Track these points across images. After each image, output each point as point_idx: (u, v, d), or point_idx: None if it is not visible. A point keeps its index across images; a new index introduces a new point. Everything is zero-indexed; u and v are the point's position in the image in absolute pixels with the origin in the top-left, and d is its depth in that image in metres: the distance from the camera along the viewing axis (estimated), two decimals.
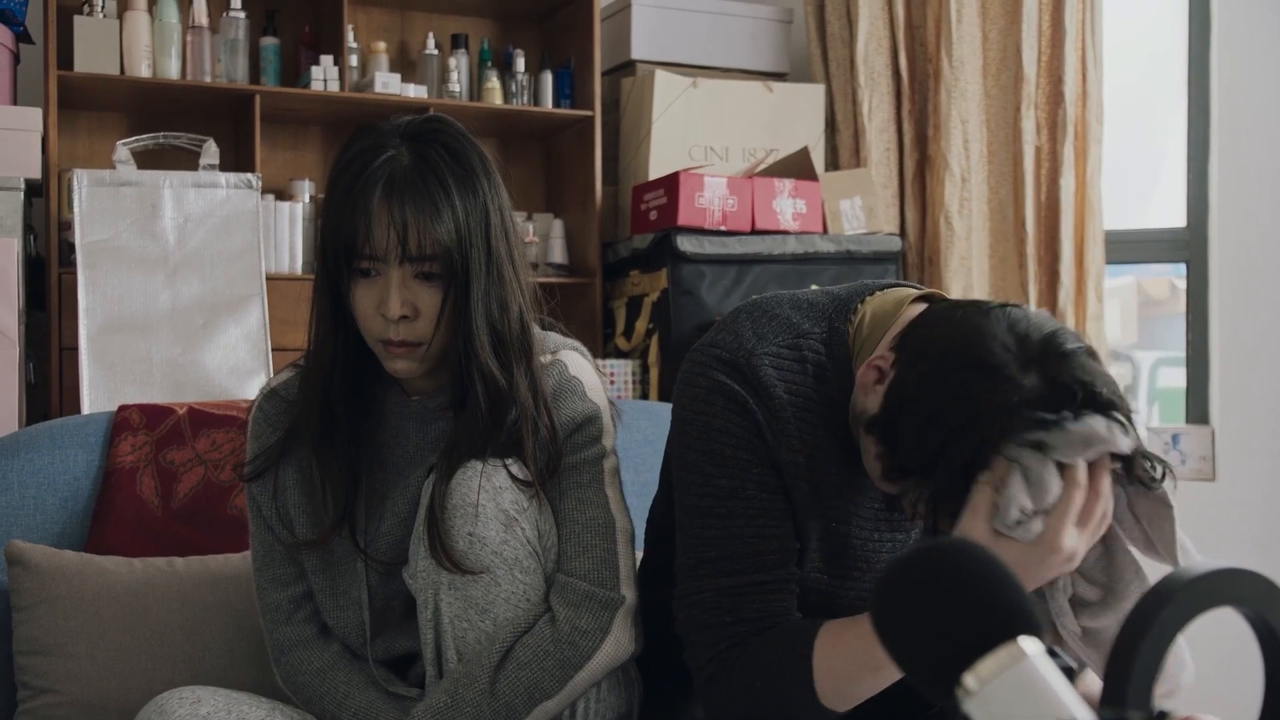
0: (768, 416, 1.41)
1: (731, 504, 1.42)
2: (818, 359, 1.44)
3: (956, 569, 0.77)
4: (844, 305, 1.49)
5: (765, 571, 1.42)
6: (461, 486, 1.47)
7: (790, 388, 1.43)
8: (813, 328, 1.46)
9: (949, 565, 0.78)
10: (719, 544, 1.43)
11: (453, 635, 1.48)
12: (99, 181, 3.08)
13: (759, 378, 1.42)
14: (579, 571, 1.52)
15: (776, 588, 1.43)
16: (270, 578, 1.64)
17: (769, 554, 1.42)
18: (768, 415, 1.42)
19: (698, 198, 3.57)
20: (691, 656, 1.46)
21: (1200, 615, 0.77)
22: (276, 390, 1.66)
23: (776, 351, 1.44)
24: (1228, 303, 3.76)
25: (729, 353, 1.44)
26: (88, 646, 1.79)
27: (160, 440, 2.06)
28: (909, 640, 0.77)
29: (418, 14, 4.11)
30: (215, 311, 3.10)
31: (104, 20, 3.45)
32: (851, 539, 1.48)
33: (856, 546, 1.48)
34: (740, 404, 1.41)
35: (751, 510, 1.42)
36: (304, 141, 3.98)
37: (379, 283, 1.48)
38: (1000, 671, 0.72)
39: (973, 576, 0.77)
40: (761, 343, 1.44)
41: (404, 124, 1.53)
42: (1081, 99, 3.81)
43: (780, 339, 1.45)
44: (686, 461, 1.46)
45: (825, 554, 1.48)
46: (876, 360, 1.37)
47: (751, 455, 1.42)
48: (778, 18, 4.18)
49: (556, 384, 1.56)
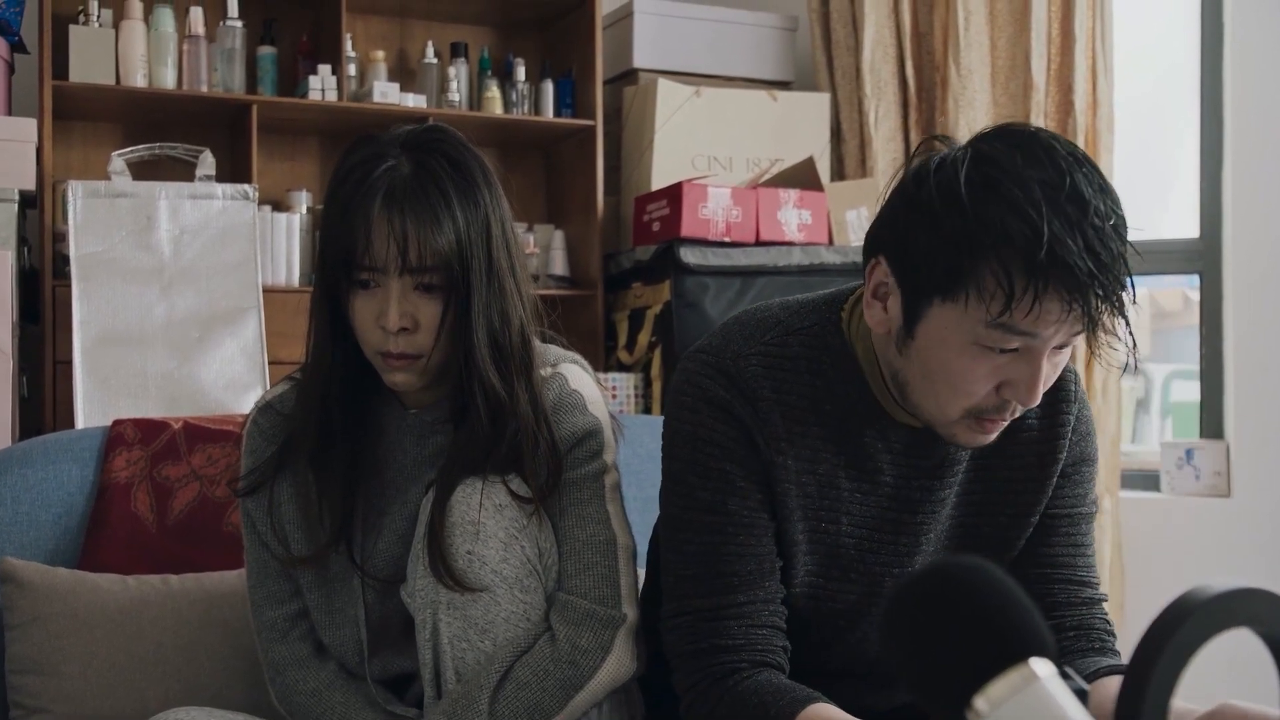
0: (755, 419, 1.42)
1: (711, 518, 1.43)
2: (809, 354, 1.45)
3: (967, 588, 0.76)
4: (837, 296, 1.50)
5: (743, 591, 1.42)
6: (461, 503, 1.46)
7: (779, 387, 1.43)
8: (802, 323, 1.47)
9: (959, 585, 0.77)
10: (697, 560, 1.44)
11: (451, 655, 1.47)
12: (94, 193, 3.07)
13: (745, 379, 1.42)
14: (580, 589, 1.51)
15: (755, 610, 1.43)
16: (265, 595, 1.63)
17: (746, 573, 1.42)
18: (755, 418, 1.42)
19: (701, 208, 3.57)
20: (676, 682, 1.48)
21: (1215, 636, 0.75)
22: (272, 404, 1.65)
23: (764, 350, 1.44)
24: (1242, 314, 3.75)
25: (715, 356, 1.45)
26: (81, 665, 1.78)
27: (155, 455, 2.05)
28: (918, 661, 0.76)
29: (417, 22, 4.12)
30: (211, 324, 3.08)
31: (99, 29, 3.46)
32: (842, 539, 1.47)
33: (848, 547, 1.48)
34: (726, 410, 1.42)
35: (731, 526, 1.42)
36: (301, 152, 3.99)
37: (378, 294, 1.47)
38: (1012, 694, 0.71)
39: (983, 596, 0.76)
40: (748, 343, 1.45)
41: (404, 133, 1.52)
42: (1092, 108, 3.80)
43: (768, 337, 1.45)
44: (671, 472, 1.48)
45: (816, 557, 1.48)
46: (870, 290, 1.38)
47: (737, 468, 1.42)
48: (782, 25, 4.18)
49: (557, 398, 1.55)
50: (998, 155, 1.26)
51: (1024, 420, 1.48)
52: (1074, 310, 1.24)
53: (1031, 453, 1.50)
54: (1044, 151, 1.26)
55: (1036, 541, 1.53)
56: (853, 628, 1.53)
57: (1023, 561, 1.53)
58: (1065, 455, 1.51)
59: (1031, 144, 1.27)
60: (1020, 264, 1.22)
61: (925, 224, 1.29)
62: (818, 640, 1.52)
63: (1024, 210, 1.22)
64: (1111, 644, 1.52)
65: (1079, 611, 1.51)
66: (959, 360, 1.30)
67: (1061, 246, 1.21)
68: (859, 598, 1.50)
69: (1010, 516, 1.52)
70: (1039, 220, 1.21)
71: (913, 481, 1.48)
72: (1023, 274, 1.22)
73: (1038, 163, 1.25)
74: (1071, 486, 1.53)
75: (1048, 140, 1.28)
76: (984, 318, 1.25)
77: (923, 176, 1.31)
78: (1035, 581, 1.51)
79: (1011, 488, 1.51)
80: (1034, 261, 1.21)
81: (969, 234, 1.25)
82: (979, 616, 0.74)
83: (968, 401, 1.33)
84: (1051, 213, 1.22)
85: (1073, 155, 1.27)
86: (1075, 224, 1.22)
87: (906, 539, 1.50)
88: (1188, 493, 3.75)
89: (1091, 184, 1.25)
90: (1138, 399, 4.29)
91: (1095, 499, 1.58)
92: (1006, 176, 1.24)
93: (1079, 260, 1.21)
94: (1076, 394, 1.53)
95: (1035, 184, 1.23)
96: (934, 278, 1.28)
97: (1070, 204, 1.23)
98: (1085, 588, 1.53)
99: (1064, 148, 1.27)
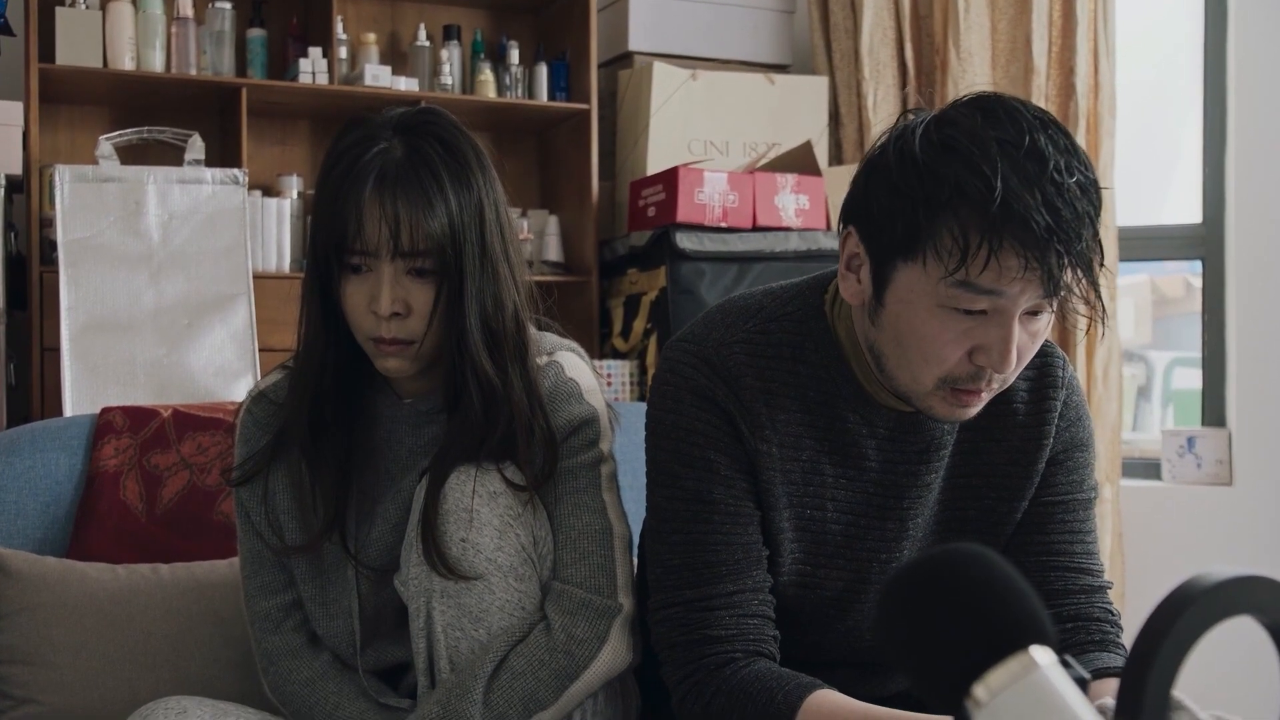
0: (739, 407, 1.43)
1: (696, 507, 1.44)
2: (792, 339, 1.46)
3: (965, 576, 0.76)
4: (820, 281, 1.51)
5: (731, 580, 1.43)
6: (455, 491, 1.46)
7: (762, 374, 1.44)
8: (784, 309, 1.48)
9: (958, 571, 0.76)
10: (683, 550, 1.44)
11: (445, 644, 1.47)
12: (81, 177, 3.07)
13: (728, 367, 1.43)
14: (575, 579, 1.51)
15: (745, 599, 1.43)
16: (258, 585, 1.63)
17: (734, 561, 1.43)
18: (739, 406, 1.43)
19: (697, 193, 3.56)
20: (666, 675, 1.47)
21: (1218, 624, 0.74)
22: (265, 393, 1.64)
23: (746, 338, 1.45)
24: (1245, 301, 3.75)
25: (698, 345, 1.46)
26: (70, 655, 1.79)
27: (144, 443, 2.07)
28: (915, 649, 0.76)
29: (409, 4, 4.10)
30: (201, 311, 3.09)
31: (86, 11, 3.45)
32: (828, 526, 1.48)
33: (835, 533, 1.49)
34: (710, 399, 1.43)
35: (716, 515, 1.43)
36: (292, 136, 3.98)
37: (370, 279, 1.47)
38: (1011, 682, 0.71)
39: (982, 584, 0.75)
40: (731, 331, 1.46)
41: (396, 116, 1.52)
42: (1094, 91, 3.79)
43: (751, 324, 1.46)
44: (656, 462, 1.48)
45: (803, 544, 1.48)
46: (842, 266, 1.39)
47: (721, 457, 1.43)
48: (780, 7, 4.18)
49: (552, 386, 1.55)
50: (958, 117, 1.28)
51: (1011, 405, 1.49)
52: (1032, 266, 1.23)
53: (1017, 437, 1.50)
54: (1006, 113, 1.27)
55: (1033, 529, 1.52)
56: (843, 615, 1.53)
57: (1020, 550, 1.52)
58: (1053, 441, 1.51)
59: (994, 106, 1.28)
60: (975, 219, 1.23)
61: (885, 187, 1.31)
62: (808, 628, 1.52)
63: (978, 166, 1.23)
64: (1114, 636, 1.50)
65: (1077, 600, 1.50)
66: (927, 324, 1.30)
67: (1018, 201, 1.21)
68: (847, 584, 1.50)
69: (995, 501, 1.51)
70: (993, 175, 1.22)
71: (898, 466, 1.47)
72: (977, 229, 1.23)
73: (997, 123, 1.26)
74: (1065, 473, 1.52)
75: (1013, 104, 1.29)
76: (943, 275, 1.26)
77: (886, 144, 1.33)
78: (1033, 570, 1.49)
79: (997, 471, 1.51)
80: (988, 215, 1.22)
81: (925, 192, 1.26)
82: (978, 603, 0.74)
83: (940, 369, 1.32)
84: (1008, 168, 1.22)
85: (1039, 118, 1.27)
86: (1034, 180, 1.23)
87: (893, 524, 1.50)
88: (1189, 481, 3.76)
89: (1056, 144, 1.25)
90: (1139, 386, 4.30)
91: (1095, 484, 1.57)
92: (964, 135, 1.25)
93: (1036, 215, 1.21)
94: (1064, 379, 1.52)
95: (993, 142, 1.24)
96: (895, 239, 1.29)
97: (1029, 160, 1.23)
98: (1085, 575, 1.51)
99: (1030, 111, 1.28)
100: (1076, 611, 1.49)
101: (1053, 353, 1.53)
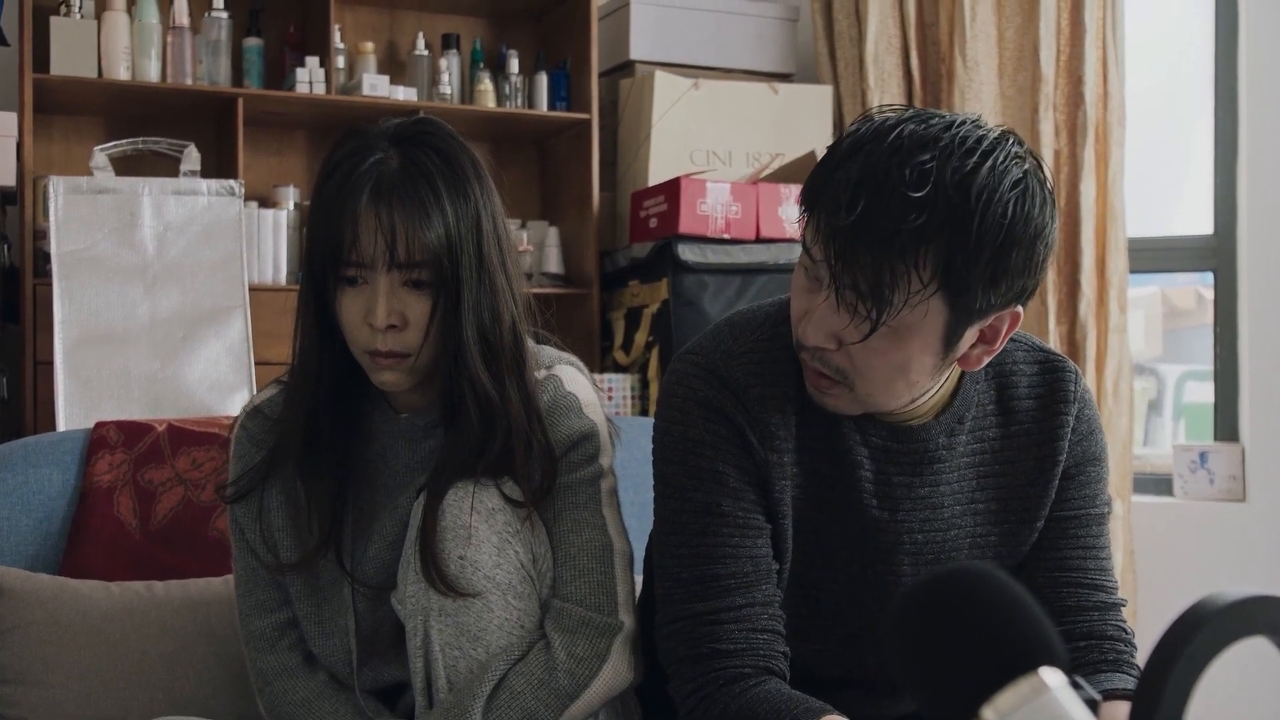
0: (748, 418, 1.43)
1: (705, 520, 1.43)
2: (793, 348, 1.45)
3: (974, 595, 0.76)
4: None
5: (740, 594, 1.42)
6: (453, 507, 1.46)
7: (769, 385, 1.44)
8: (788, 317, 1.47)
9: (966, 592, 0.77)
10: (693, 563, 1.43)
11: (443, 663, 1.46)
12: (75, 189, 3.08)
13: (735, 378, 1.44)
14: (575, 596, 1.51)
15: (754, 613, 1.42)
16: (254, 604, 1.63)
17: (742, 574, 1.43)
18: (748, 417, 1.43)
19: (700, 204, 3.56)
20: (673, 689, 1.46)
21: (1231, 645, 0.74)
22: (260, 408, 1.64)
23: (752, 348, 1.46)
24: (1257, 313, 3.74)
25: (705, 358, 1.46)
26: (63, 674, 1.79)
27: (139, 458, 2.07)
28: (923, 670, 0.76)
29: (407, 13, 4.12)
30: (196, 324, 3.10)
31: (81, 21, 3.46)
32: (825, 532, 1.48)
33: (832, 539, 1.48)
34: (718, 411, 1.43)
35: (726, 527, 1.43)
36: (288, 146, 3.99)
37: (366, 291, 1.47)
38: (1021, 704, 0.71)
39: (991, 604, 0.75)
40: (738, 344, 1.47)
41: (393, 127, 1.52)
42: (1102, 100, 3.79)
43: (757, 335, 1.47)
44: (663, 475, 1.48)
45: (809, 551, 1.48)
46: None
47: (730, 469, 1.43)
48: (783, 16, 4.19)
49: (551, 400, 1.55)
50: (889, 114, 1.32)
51: (1023, 423, 1.50)
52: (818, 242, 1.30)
53: (1031, 456, 1.50)
54: (933, 115, 1.30)
55: (1045, 545, 1.51)
56: (838, 623, 1.52)
57: (1032, 565, 1.52)
58: (1065, 457, 1.50)
59: (930, 111, 1.32)
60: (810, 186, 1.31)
61: None
62: (809, 641, 1.51)
63: (852, 147, 1.28)
64: (1127, 655, 1.49)
65: (1090, 617, 1.48)
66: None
67: (835, 182, 1.27)
68: (844, 588, 1.50)
69: (1015, 523, 1.51)
70: (850, 158, 1.27)
71: (892, 478, 1.47)
72: (806, 195, 1.32)
73: (918, 118, 1.29)
74: (1078, 488, 1.51)
75: (948, 115, 1.31)
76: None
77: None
78: (1044, 586, 1.49)
79: (1015, 493, 1.50)
80: (811, 186, 1.31)
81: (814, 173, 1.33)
82: (987, 624, 0.74)
83: (797, 334, 1.38)
84: (866, 154, 1.26)
85: (954, 126, 1.28)
86: (878, 167, 1.26)
87: (887, 536, 1.49)
88: (1202, 497, 3.75)
89: (943, 157, 1.26)
90: (1149, 400, 4.30)
91: (1108, 499, 1.57)
92: (872, 127, 1.30)
93: (841, 192, 1.26)
94: (1076, 394, 1.52)
95: (889, 133, 1.27)
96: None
97: (890, 155, 1.26)
98: (1098, 592, 1.50)
99: (952, 120, 1.30)
100: (1089, 629, 1.48)
101: (1064, 366, 1.52)
